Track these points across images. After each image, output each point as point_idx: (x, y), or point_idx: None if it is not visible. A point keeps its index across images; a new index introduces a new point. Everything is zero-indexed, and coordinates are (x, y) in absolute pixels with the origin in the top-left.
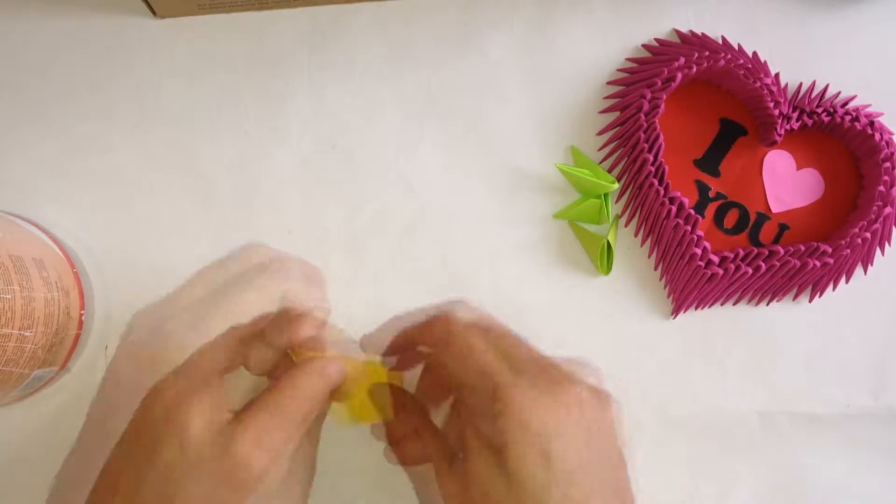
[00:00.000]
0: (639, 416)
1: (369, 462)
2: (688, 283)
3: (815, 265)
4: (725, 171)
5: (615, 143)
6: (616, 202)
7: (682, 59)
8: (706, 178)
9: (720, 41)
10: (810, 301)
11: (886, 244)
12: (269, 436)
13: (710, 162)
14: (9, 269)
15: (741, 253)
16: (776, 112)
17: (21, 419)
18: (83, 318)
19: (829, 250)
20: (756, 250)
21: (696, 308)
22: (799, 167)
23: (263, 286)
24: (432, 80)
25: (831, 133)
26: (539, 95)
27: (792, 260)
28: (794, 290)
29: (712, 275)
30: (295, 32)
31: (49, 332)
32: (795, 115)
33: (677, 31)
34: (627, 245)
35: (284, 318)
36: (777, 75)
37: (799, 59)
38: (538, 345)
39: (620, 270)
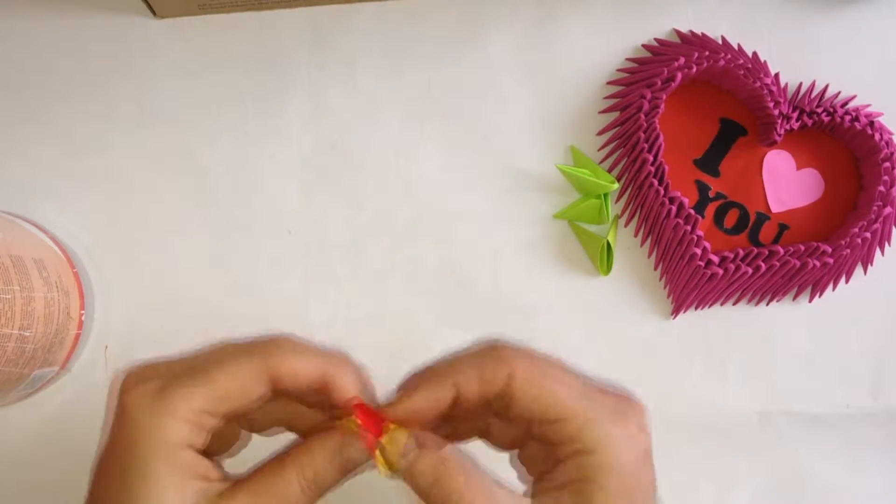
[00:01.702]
0: None
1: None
2: (688, 283)
3: (815, 265)
4: (725, 171)
5: (615, 143)
6: (616, 202)
7: (682, 59)
8: (706, 178)
9: (720, 41)
10: (810, 301)
11: (886, 244)
12: None
13: (710, 162)
14: (9, 269)
15: (741, 253)
16: (776, 112)
17: (21, 419)
18: (83, 318)
19: (829, 250)
20: (756, 250)
21: (696, 308)
22: (799, 167)
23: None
24: (432, 80)
25: (831, 133)
26: (539, 95)
27: (792, 260)
28: (794, 290)
29: (712, 275)
30: (295, 32)
31: (49, 332)
32: (795, 115)
33: (677, 31)
34: (627, 245)
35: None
36: (777, 75)
37: (799, 59)
38: (537, 346)
39: (620, 270)
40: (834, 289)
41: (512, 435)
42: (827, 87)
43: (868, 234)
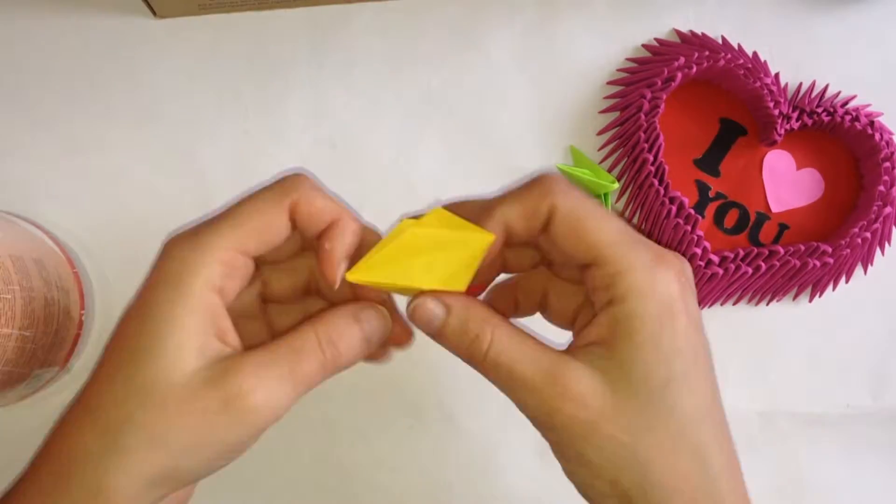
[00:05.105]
0: None
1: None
2: None
3: (815, 265)
4: (725, 171)
5: (615, 143)
6: (616, 202)
7: (682, 59)
8: (706, 178)
9: (720, 41)
10: (810, 301)
11: (886, 244)
12: (284, 390)
13: (710, 162)
14: (9, 269)
15: (741, 253)
16: (776, 112)
17: (21, 419)
18: (83, 318)
19: (829, 250)
20: (756, 250)
21: None
22: (799, 167)
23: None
24: (432, 80)
25: (831, 133)
26: (539, 95)
27: (792, 260)
28: (794, 290)
29: (712, 275)
30: (295, 32)
31: (49, 332)
32: (795, 115)
33: (677, 31)
34: None
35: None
36: (777, 75)
37: (799, 59)
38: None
39: None
40: (834, 289)
41: (567, 304)
42: (827, 87)
43: (868, 234)
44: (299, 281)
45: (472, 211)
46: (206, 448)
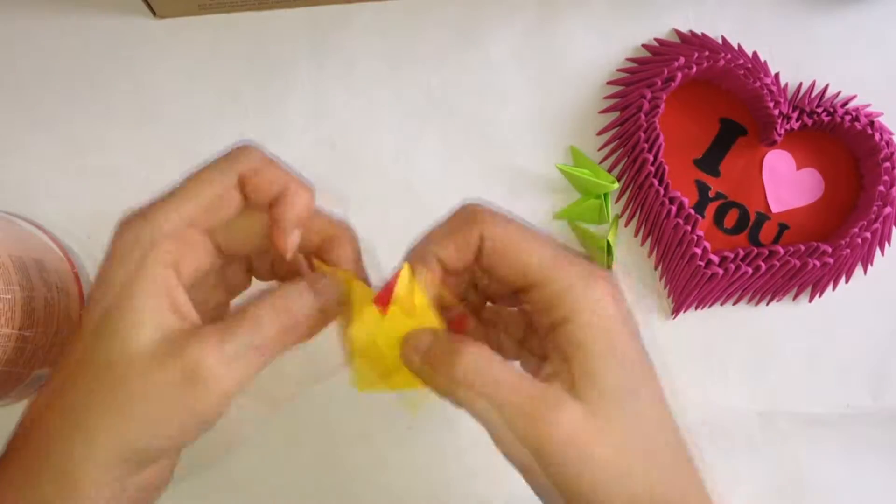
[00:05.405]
0: None
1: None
2: (688, 283)
3: (815, 265)
4: (725, 171)
5: (615, 143)
6: (616, 202)
7: (682, 59)
8: (706, 178)
9: (720, 41)
10: (810, 301)
11: (886, 244)
12: (243, 359)
13: (710, 162)
14: (9, 269)
15: (741, 253)
16: (776, 112)
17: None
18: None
19: (829, 250)
20: (756, 250)
21: (696, 308)
22: (799, 167)
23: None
24: (432, 80)
25: (831, 133)
26: (539, 95)
27: (792, 260)
28: (794, 290)
29: (712, 275)
30: (295, 32)
31: (49, 333)
32: (795, 115)
33: (677, 31)
34: (627, 245)
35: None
36: (777, 75)
37: (799, 59)
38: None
39: (620, 270)
40: (834, 289)
41: (515, 328)
42: (827, 87)
43: (868, 234)
44: (279, 271)
45: (409, 259)
46: (170, 420)
